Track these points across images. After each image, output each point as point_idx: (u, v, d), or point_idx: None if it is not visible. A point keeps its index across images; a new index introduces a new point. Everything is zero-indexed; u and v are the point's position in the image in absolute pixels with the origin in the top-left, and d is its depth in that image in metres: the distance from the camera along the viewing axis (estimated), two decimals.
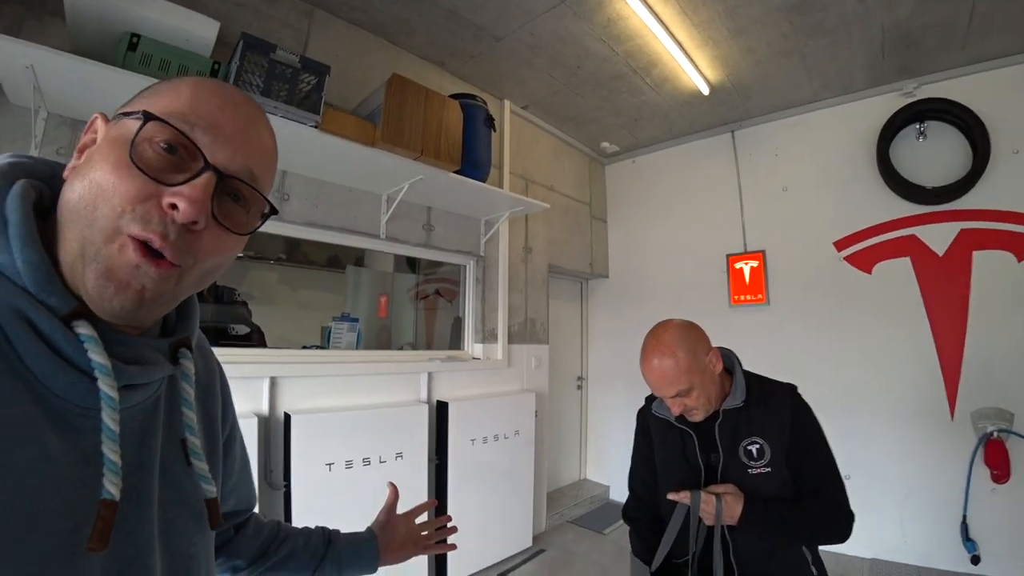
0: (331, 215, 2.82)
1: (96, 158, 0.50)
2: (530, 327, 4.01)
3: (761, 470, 1.33)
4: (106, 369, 0.47)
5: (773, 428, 1.35)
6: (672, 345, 1.33)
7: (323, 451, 2.55)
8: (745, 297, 4.02)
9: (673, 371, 1.31)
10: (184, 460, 0.59)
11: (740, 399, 1.38)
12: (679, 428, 1.45)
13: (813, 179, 3.84)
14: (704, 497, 1.31)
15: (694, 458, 1.42)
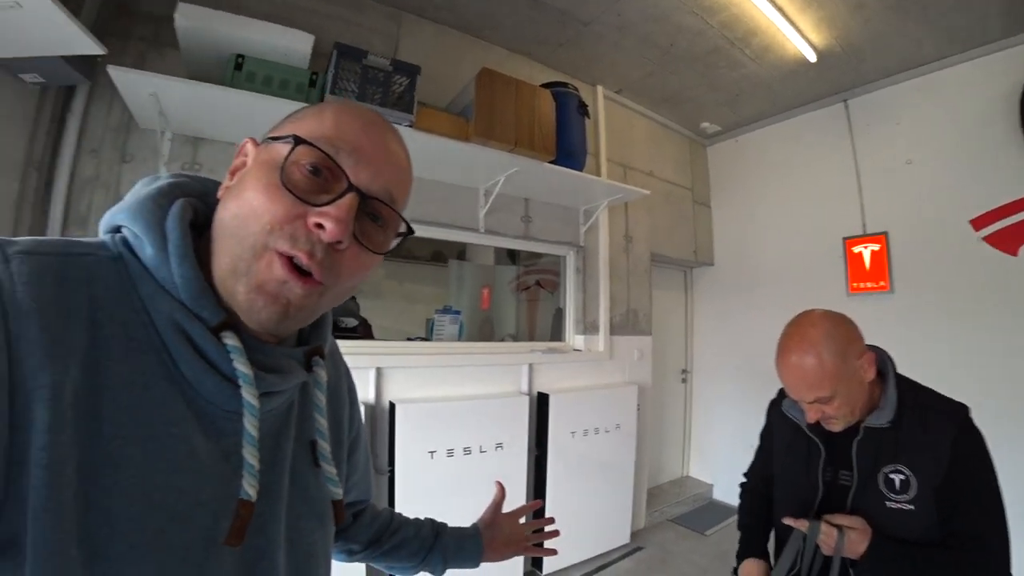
0: (431, 211, 2.90)
1: (248, 180, 0.53)
2: (632, 318, 3.92)
3: (903, 506, 1.11)
4: (249, 378, 0.51)
5: (925, 459, 1.11)
6: (817, 343, 1.12)
7: (426, 439, 2.64)
8: (865, 285, 3.65)
9: (815, 374, 1.11)
10: (312, 461, 0.64)
11: (887, 418, 1.15)
12: (807, 436, 1.27)
13: (943, 149, 3.37)
14: (824, 530, 1.15)
15: (815, 475, 1.24)
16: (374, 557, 0.94)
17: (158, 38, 2.24)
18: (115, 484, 0.44)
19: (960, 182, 3.27)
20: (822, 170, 3.98)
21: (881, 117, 3.68)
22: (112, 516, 0.43)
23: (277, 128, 0.58)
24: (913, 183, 3.48)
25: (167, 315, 0.49)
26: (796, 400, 1.20)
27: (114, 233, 0.54)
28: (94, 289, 0.47)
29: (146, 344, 0.49)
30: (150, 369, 0.48)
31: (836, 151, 3.89)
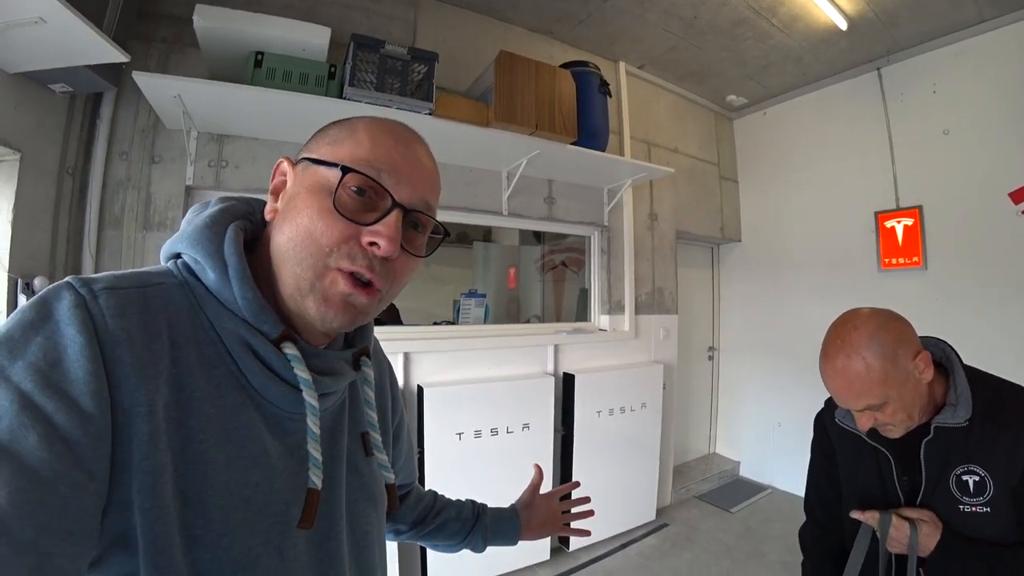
0: (454, 196, 2.92)
1: (299, 205, 0.59)
2: (658, 297, 3.91)
3: (977, 508, 1.02)
4: (309, 383, 0.58)
5: (1001, 455, 1.01)
6: (861, 347, 1.01)
7: (453, 421, 2.71)
8: (898, 260, 3.55)
9: (862, 381, 1.00)
10: (363, 451, 0.71)
11: (964, 416, 1.04)
12: (872, 445, 1.16)
13: (982, 118, 3.22)
14: (895, 522, 1.07)
15: (892, 484, 1.14)
16: (420, 536, 1.01)
17: (179, 39, 2.29)
18: (205, 481, 0.51)
19: (999, 153, 3.13)
20: (853, 142, 3.86)
21: (916, 85, 3.53)
22: (204, 508, 0.51)
23: (312, 149, 0.63)
24: (949, 155, 3.35)
25: (233, 332, 0.56)
26: (842, 404, 1.10)
27: (175, 258, 0.61)
28: (170, 315, 0.54)
29: (216, 359, 0.56)
30: (223, 381, 0.55)
31: (868, 122, 3.76)
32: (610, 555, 3.26)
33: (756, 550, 3.32)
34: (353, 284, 0.57)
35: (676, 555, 3.27)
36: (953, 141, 3.34)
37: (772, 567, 3.08)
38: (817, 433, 1.35)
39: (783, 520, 3.65)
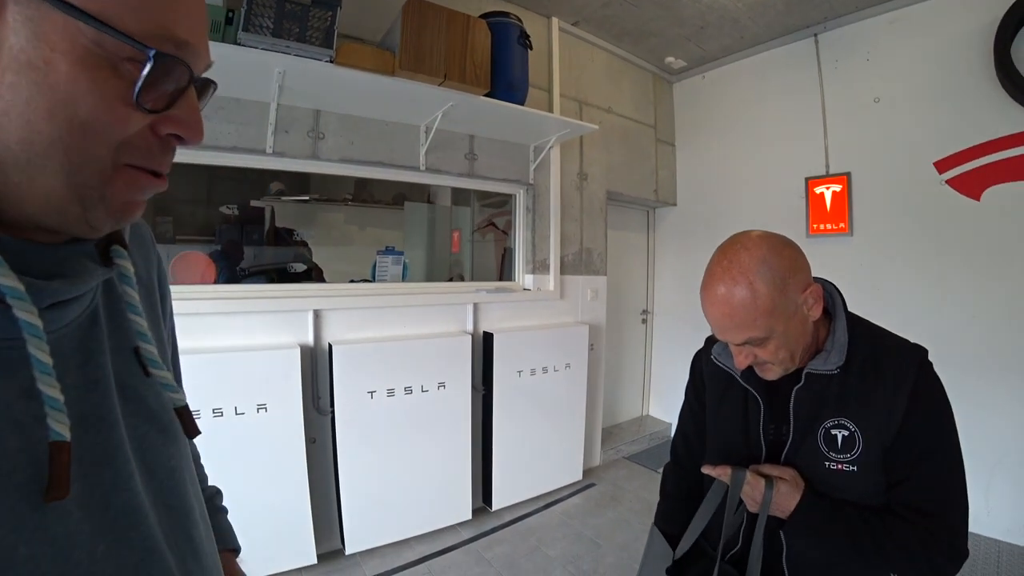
0: (368, 150, 2.82)
1: (59, 83, 0.38)
2: (586, 257, 3.89)
3: (843, 467, 0.94)
4: (17, 292, 0.39)
5: (875, 412, 0.93)
6: (750, 271, 0.89)
7: (365, 380, 2.66)
8: (825, 226, 3.62)
9: (746, 309, 0.89)
10: (141, 371, 0.53)
11: (835, 363, 0.95)
12: (743, 387, 1.06)
13: (912, 87, 3.25)
14: (750, 479, 0.97)
15: (756, 431, 1.04)
16: None
17: None
18: None
19: (927, 122, 3.19)
20: (789, 108, 3.88)
21: (850, 53, 3.56)
22: None
23: None
24: (879, 122, 3.40)
25: None
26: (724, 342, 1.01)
27: None
28: None
29: None
30: None
31: (804, 88, 3.78)
32: (534, 514, 3.28)
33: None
34: (149, 179, 0.45)
35: (600, 514, 3.32)
36: (884, 109, 3.38)
37: None
38: (692, 373, 1.27)
39: None
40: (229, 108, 2.43)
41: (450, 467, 2.99)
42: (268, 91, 2.41)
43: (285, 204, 3.55)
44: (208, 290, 2.51)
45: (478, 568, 2.70)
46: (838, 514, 0.92)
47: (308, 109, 2.64)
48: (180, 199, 3.21)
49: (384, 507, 2.75)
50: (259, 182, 3.39)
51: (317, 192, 3.81)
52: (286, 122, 2.57)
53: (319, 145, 2.67)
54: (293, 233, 3.51)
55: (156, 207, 3.08)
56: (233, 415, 2.32)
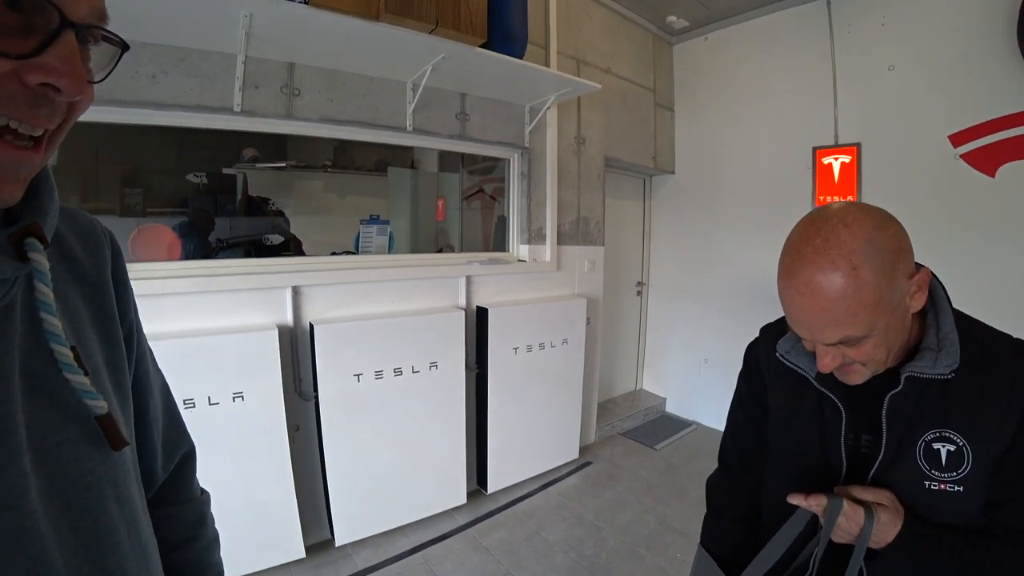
0: (349, 108, 2.55)
1: None
2: (583, 227, 3.69)
3: (946, 487, 0.78)
4: None
5: (987, 421, 0.76)
6: (854, 254, 0.70)
7: (350, 361, 2.46)
8: (832, 198, 3.44)
9: (847, 302, 0.70)
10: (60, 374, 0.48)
11: (949, 365, 0.77)
12: (818, 391, 0.88)
13: (929, 56, 3.04)
14: (848, 509, 0.79)
15: (836, 443, 0.87)
16: None
17: None
18: None
19: (942, 94, 2.99)
20: (797, 74, 3.65)
21: (865, 17, 3.31)
22: None
23: None
24: (892, 92, 3.20)
25: None
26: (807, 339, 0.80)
27: None
28: None
29: None
30: None
31: (814, 53, 3.54)
32: (530, 496, 3.16)
33: (678, 487, 3.28)
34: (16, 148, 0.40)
35: (598, 494, 3.20)
36: (897, 78, 3.18)
37: (693, 505, 3.04)
38: (748, 368, 1.06)
39: (705, 457, 3.64)
40: (191, 60, 2.14)
41: (443, 450, 2.83)
42: (234, 40, 2.12)
43: (259, 171, 3.30)
44: (172, 267, 2.25)
45: (476, 556, 2.56)
46: (941, 542, 0.77)
47: (281, 62, 2.35)
48: (149, 169, 2.97)
49: (375, 495, 2.58)
50: (231, 148, 3.12)
51: (294, 158, 3.56)
52: (255, 76, 2.29)
53: (294, 103, 2.40)
54: (268, 202, 3.25)
55: (124, 180, 2.83)
56: (207, 405, 2.11)
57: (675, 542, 2.70)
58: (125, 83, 2.01)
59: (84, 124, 2.00)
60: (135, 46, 1.99)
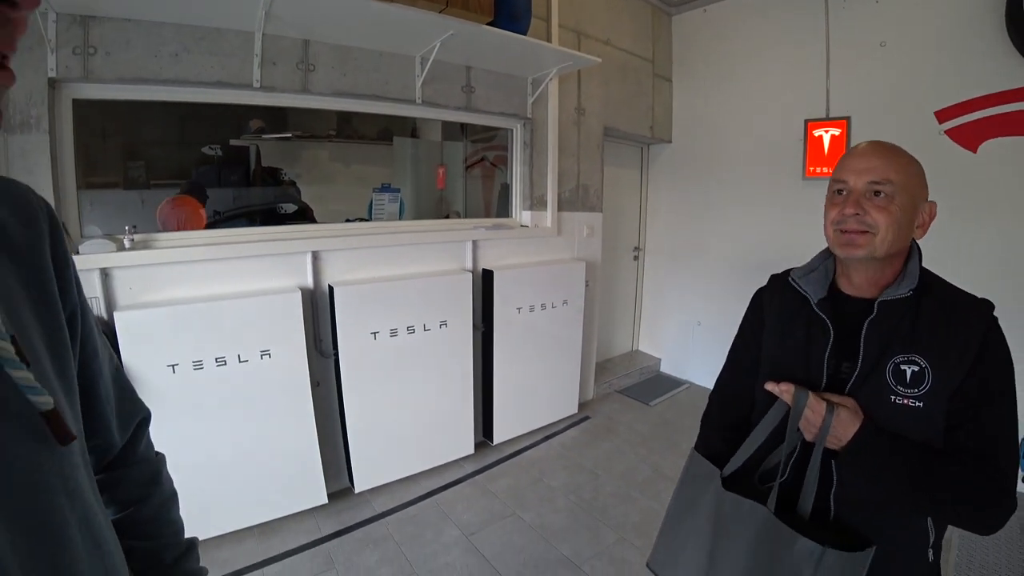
0: (361, 83, 2.68)
1: None
2: (582, 194, 3.84)
3: (909, 402, 0.92)
4: None
5: (949, 350, 0.91)
6: (899, 149, 0.99)
7: (367, 321, 2.63)
8: (822, 170, 3.57)
9: (899, 157, 0.97)
10: None
11: (909, 286, 0.97)
12: (817, 316, 1.04)
13: (920, 34, 3.13)
14: (812, 401, 0.96)
15: (819, 360, 1.02)
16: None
17: None
18: None
19: (931, 71, 3.10)
20: (792, 47, 3.73)
21: None
22: None
23: None
24: (883, 67, 3.29)
25: None
26: (846, 182, 0.99)
27: None
28: None
29: None
30: None
31: (809, 27, 3.62)
32: (533, 447, 3.38)
33: (670, 440, 3.51)
34: None
35: (596, 446, 3.42)
36: (889, 54, 3.27)
37: (685, 455, 3.20)
38: (752, 308, 1.24)
39: (697, 413, 3.76)
40: (211, 39, 2.26)
41: (453, 404, 3.04)
42: (253, 19, 2.24)
43: (266, 143, 3.40)
44: (199, 236, 2.41)
45: (484, 500, 2.79)
46: (896, 447, 0.91)
47: (297, 39, 2.47)
48: (152, 141, 3.05)
49: (390, 445, 2.80)
50: (236, 120, 3.22)
51: (299, 129, 3.65)
52: (273, 53, 2.41)
53: (310, 78, 2.52)
54: (280, 172, 3.38)
55: (127, 152, 2.91)
56: (236, 363, 2.29)
57: (667, 487, 2.91)
58: (147, 62, 2.13)
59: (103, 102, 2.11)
60: (154, 25, 2.12)
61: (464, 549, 2.41)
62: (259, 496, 2.45)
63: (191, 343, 2.19)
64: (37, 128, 1.95)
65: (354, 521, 2.60)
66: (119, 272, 2.15)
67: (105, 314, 2.10)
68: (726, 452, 1.15)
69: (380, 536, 2.49)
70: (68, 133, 2.09)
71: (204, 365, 2.22)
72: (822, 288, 1.06)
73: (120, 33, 2.07)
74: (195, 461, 2.23)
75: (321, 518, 2.61)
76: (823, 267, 1.10)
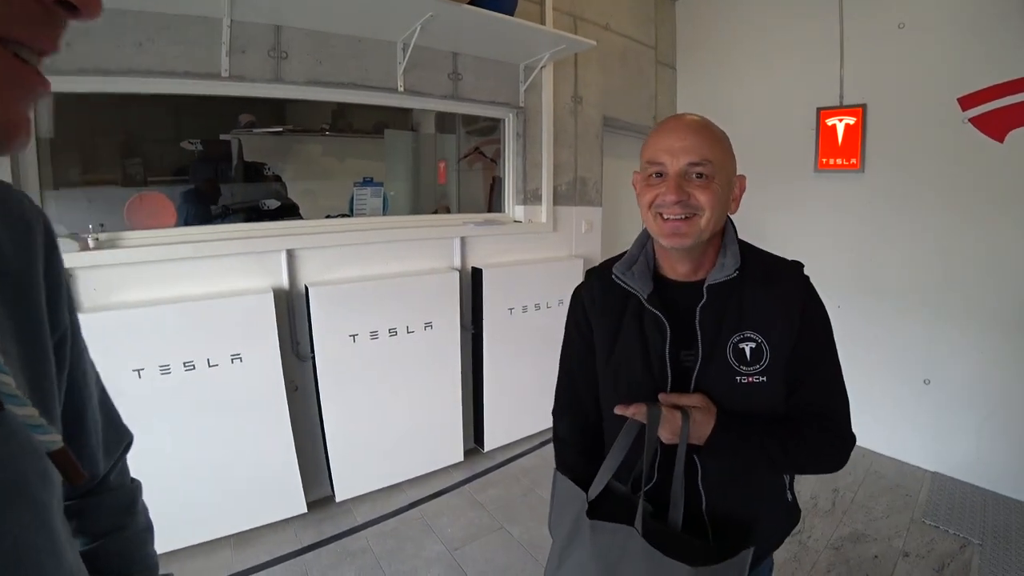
0: (338, 70, 2.55)
1: None
2: (580, 187, 3.66)
3: (753, 379, 0.95)
4: None
5: (777, 321, 0.95)
6: (708, 122, 0.96)
7: (345, 322, 2.51)
8: (835, 161, 3.34)
9: (710, 131, 0.93)
10: None
11: (733, 266, 0.97)
12: (649, 312, 1.00)
13: (941, 14, 2.89)
14: (666, 414, 0.93)
15: (660, 358, 0.99)
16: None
17: None
18: None
19: (954, 54, 2.85)
20: (803, 31, 3.50)
21: None
22: None
23: None
24: (901, 51, 3.05)
25: None
26: (663, 164, 0.92)
27: None
28: None
29: None
30: None
31: (822, 8, 3.38)
32: (526, 454, 3.24)
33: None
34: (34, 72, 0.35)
35: None
36: (908, 37, 3.03)
37: None
38: (573, 309, 1.17)
39: None
40: (175, 27, 2.14)
41: (440, 409, 2.90)
42: (219, 4, 2.12)
43: (257, 137, 3.30)
44: (167, 234, 2.29)
45: (472, 512, 2.65)
46: (749, 430, 0.95)
47: (267, 25, 2.34)
48: (147, 139, 2.98)
49: (373, 452, 2.67)
50: (226, 114, 3.12)
51: (292, 123, 3.55)
52: (242, 41, 2.28)
53: (282, 66, 2.39)
54: (264, 167, 3.26)
55: (124, 148, 2.84)
56: (206, 367, 2.18)
57: None
58: (110, 52, 2.02)
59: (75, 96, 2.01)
60: (116, 14, 2.00)
61: (446, 566, 2.27)
62: (234, 505, 2.34)
63: (157, 347, 2.09)
64: None
65: (333, 532, 2.47)
66: (82, 273, 2.05)
67: None
68: (585, 464, 1.11)
69: (359, 549, 2.37)
70: None
71: (172, 369, 2.12)
72: (648, 281, 1.02)
73: (78, 22, 1.95)
74: (165, 468, 2.12)
75: (300, 528, 2.49)
76: (643, 256, 1.06)
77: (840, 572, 2.24)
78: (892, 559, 2.31)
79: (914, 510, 2.66)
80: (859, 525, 2.54)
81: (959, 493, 2.78)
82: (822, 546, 2.40)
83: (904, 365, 3.08)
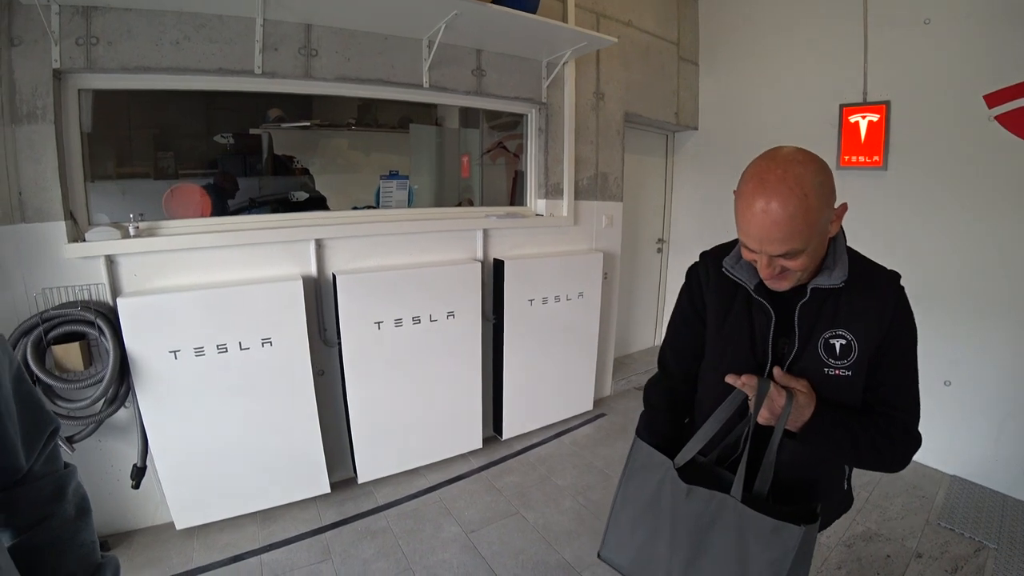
0: (366, 67, 2.63)
1: None
2: (601, 182, 3.70)
3: (841, 372, 1.02)
4: None
5: (869, 323, 1.01)
6: (806, 183, 0.88)
7: (371, 310, 2.59)
8: (858, 158, 3.31)
9: (796, 222, 0.89)
10: None
11: (840, 278, 1.00)
12: (756, 300, 1.08)
13: (968, 8, 2.83)
14: (774, 391, 1.01)
15: (764, 341, 1.08)
16: None
17: None
18: None
19: (981, 50, 2.79)
20: (827, 27, 3.46)
21: None
22: None
23: None
24: (927, 47, 3.00)
25: None
26: (754, 251, 0.97)
27: None
28: None
29: None
30: None
31: (845, 5, 3.34)
32: (544, 443, 3.29)
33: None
34: None
35: (610, 444, 3.32)
36: (933, 32, 2.97)
37: None
38: (689, 285, 1.25)
39: None
40: (211, 26, 2.25)
41: (460, 397, 2.98)
42: (253, 4, 2.22)
43: (286, 131, 3.40)
44: (202, 223, 2.41)
45: (488, 496, 2.72)
46: (842, 422, 1.02)
47: (298, 24, 2.43)
48: (179, 133, 3.08)
49: (395, 437, 2.76)
50: (256, 109, 3.22)
51: (319, 117, 3.64)
52: (274, 39, 2.38)
53: (312, 63, 2.48)
54: (293, 160, 3.37)
55: (157, 142, 2.95)
56: (238, 350, 2.28)
57: None
58: (149, 51, 2.14)
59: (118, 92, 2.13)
60: (156, 14, 2.12)
61: (462, 546, 2.35)
62: (261, 483, 2.45)
63: (193, 330, 2.20)
64: (43, 119, 1.99)
65: (355, 512, 2.57)
66: (123, 259, 2.18)
67: (110, 300, 2.13)
68: (672, 435, 1.22)
69: (379, 528, 2.46)
70: (74, 123, 2.14)
71: (205, 352, 2.23)
72: (755, 274, 1.07)
73: (121, 23, 2.08)
74: (198, 446, 2.24)
75: (323, 507, 2.60)
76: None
77: (851, 570, 2.25)
78: (904, 560, 2.31)
79: (930, 512, 2.65)
80: (872, 524, 2.55)
81: (976, 496, 2.76)
82: (834, 543, 2.41)
83: (925, 366, 3.04)
